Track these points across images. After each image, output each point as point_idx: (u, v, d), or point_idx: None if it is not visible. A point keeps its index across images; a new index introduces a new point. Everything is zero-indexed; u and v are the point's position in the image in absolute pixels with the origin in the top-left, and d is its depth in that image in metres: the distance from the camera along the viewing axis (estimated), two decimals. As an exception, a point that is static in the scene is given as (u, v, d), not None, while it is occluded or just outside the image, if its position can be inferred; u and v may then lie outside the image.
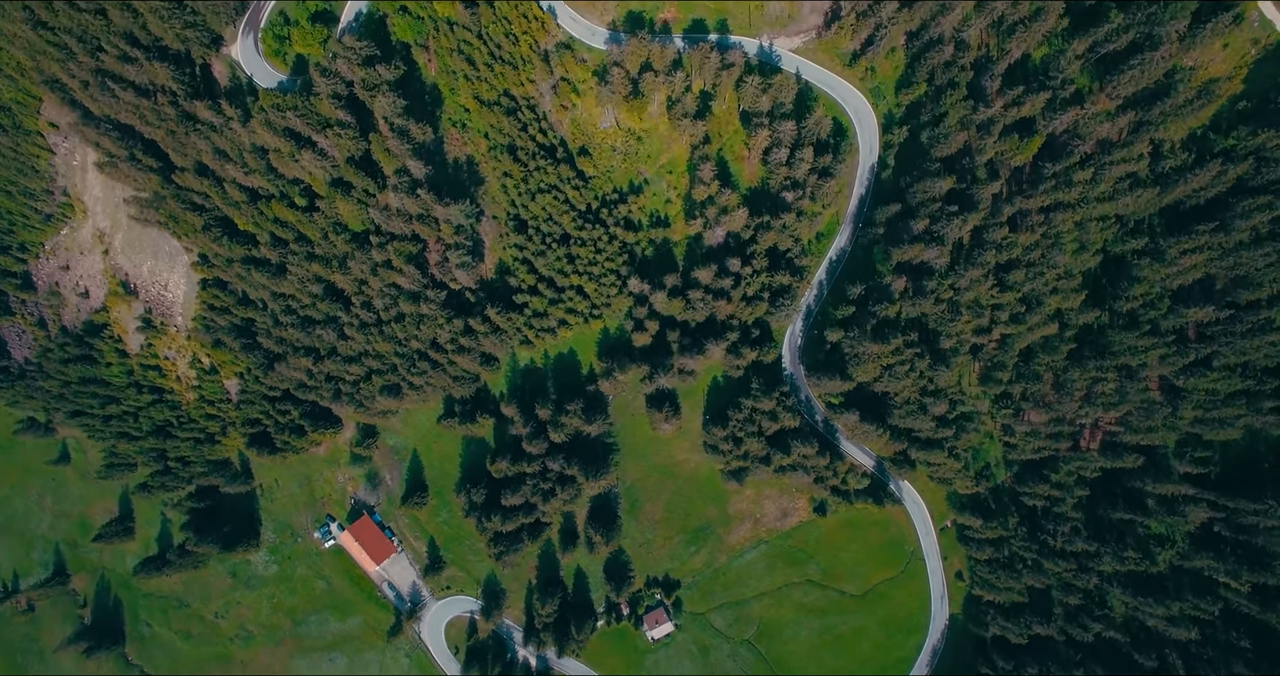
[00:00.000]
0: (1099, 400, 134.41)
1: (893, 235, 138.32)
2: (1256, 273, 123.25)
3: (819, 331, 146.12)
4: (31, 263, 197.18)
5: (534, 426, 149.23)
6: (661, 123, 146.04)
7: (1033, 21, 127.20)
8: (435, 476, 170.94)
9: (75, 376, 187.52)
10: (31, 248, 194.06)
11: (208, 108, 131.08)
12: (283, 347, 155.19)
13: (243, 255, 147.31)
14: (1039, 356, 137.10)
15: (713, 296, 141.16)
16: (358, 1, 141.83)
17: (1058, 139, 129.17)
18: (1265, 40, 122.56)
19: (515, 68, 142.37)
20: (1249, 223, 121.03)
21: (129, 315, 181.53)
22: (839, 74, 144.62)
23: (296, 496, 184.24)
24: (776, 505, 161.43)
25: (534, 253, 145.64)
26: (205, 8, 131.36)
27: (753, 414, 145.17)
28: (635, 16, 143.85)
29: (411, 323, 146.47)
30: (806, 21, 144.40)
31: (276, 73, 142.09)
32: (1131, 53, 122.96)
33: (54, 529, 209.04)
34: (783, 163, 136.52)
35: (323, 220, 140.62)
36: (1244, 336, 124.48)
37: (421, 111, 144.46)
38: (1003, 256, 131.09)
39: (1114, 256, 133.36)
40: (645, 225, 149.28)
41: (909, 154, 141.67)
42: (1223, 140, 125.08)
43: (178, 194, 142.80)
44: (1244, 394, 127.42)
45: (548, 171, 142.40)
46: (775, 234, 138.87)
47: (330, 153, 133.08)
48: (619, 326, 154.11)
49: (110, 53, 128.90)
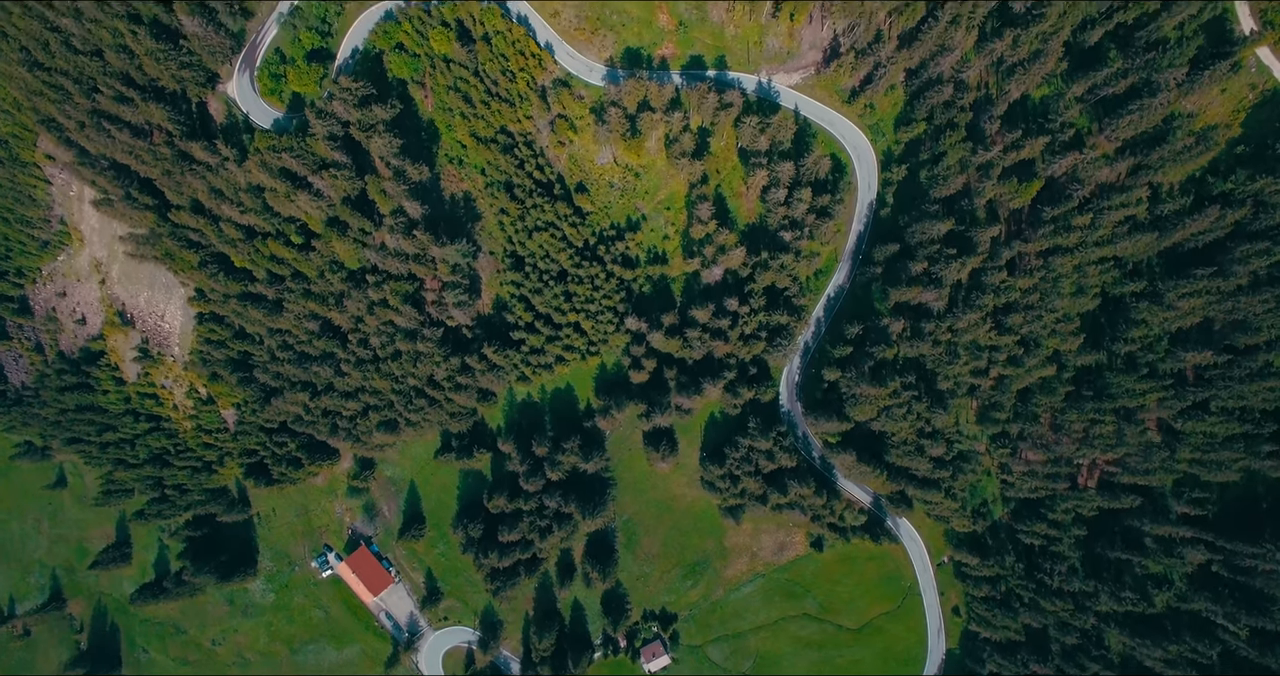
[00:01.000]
0: (1097, 442, 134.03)
1: (891, 275, 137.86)
2: (1255, 318, 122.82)
3: (816, 370, 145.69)
4: (28, 287, 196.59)
5: (531, 464, 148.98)
6: (659, 159, 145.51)
7: (1032, 63, 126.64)
8: (433, 508, 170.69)
9: (72, 404, 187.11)
10: (28, 272, 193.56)
11: (203, 148, 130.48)
12: (279, 382, 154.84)
13: (239, 291, 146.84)
14: (1037, 397, 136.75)
15: (710, 336, 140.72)
16: (354, 39, 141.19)
17: (1057, 182, 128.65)
18: (1262, 85, 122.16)
19: (512, 104, 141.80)
20: (1247, 268, 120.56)
21: (126, 345, 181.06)
22: (838, 110, 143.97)
23: (294, 525, 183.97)
24: (773, 539, 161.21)
25: (531, 290, 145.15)
26: (201, 47, 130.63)
27: (750, 453, 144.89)
28: (633, 53, 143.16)
29: (408, 360, 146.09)
30: (805, 58, 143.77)
31: (272, 110, 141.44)
32: (1130, 97, 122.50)
33: (51, 553, 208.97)
34: (781, 202, 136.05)
35: (319, 259, 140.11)
36: (1242, 381, 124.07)
37: (418, 148, 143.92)
38: (1001, 299, 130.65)
39: (1113, 298, 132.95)
40: (643, 261, 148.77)
41: (908, 192, 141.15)
42: (1221, 183, 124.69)
43: (174, 231, 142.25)
44: (1242, 437, 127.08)
45: (544, 209, 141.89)
46: (773, 273, 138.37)
47: (326, 193, 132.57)
48: (616, 362, 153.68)
49: (106, 94, 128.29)
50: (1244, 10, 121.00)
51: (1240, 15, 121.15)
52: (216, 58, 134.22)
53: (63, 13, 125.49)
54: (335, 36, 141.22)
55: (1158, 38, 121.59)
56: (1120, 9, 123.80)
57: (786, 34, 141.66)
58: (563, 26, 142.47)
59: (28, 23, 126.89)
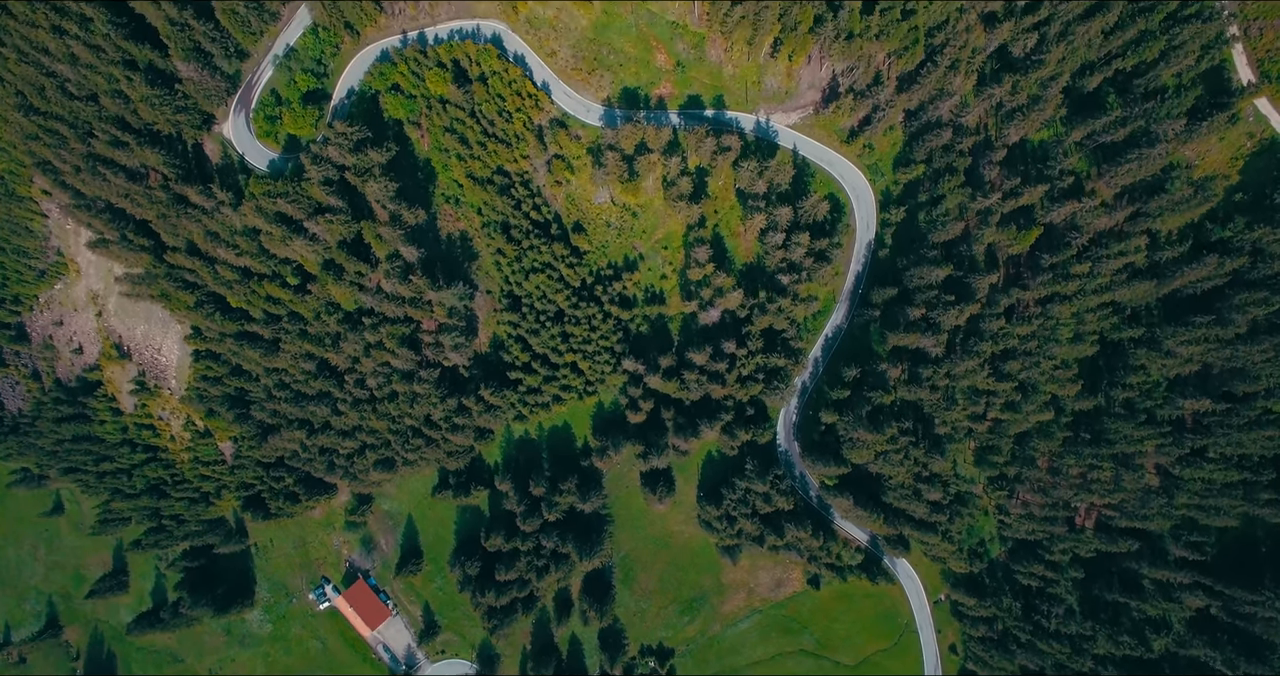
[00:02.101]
0: (1094, 487, 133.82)
1: (889, 319, 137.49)
2: (1254, 366, 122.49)
3: (814, 412, 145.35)
4: (25, 315, 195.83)
5: (528, 504, 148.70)
6: (657, 198, 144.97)
7: (1031, 109, 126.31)
8: (430, 542, 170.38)
9: (69, 434, 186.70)
10: (25, 300, 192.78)
11: (199, 192, 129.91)
12: (276, 419, 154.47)
13: (235, 330, 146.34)
14: (1034, 441, 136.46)
15: (707, 378, 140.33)
16: (349, 79, 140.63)
17: (1056, 229, 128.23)
18: (1260, 134, 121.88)
19: (509, 145, 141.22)
20: (1246, 316, 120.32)
21: (122, 377, 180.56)
22: (836, 150, 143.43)
23: (291, 557, 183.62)
24: (770, 575, 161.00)
25: (528, 330, 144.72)
26: (196, 91, 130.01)
27: (746, 495, 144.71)
28: (630, 92, 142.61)
29: (405, 400, 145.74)
30: (804, 97, 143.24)
31: (268, 151, 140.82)
32: (1129, 146, 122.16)
33: (47, 580, 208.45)
34: (779, 245, 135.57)
35: (314, 301, 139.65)
36: (1241, 429, 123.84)
37: (414, 188, 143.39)
38: (999, 346, 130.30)
39: (1111, 343, 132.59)
40: (640, 301, 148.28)
41: (906, 234, 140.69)
42: (1219, 230, 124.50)
43: (169, 272, 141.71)
44: (1241, 484, 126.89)
45: (541, 250, 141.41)
46: (771, 316, 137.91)
47: (322, 237, 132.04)
48: (614, 400, 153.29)
49: (101, 138, 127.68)
50: (1241, 60, 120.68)
51: (1238, 65, 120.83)
52: (212, 100, 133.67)
53: (58, 58, 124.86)
54: (331, 77, 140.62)
55: (1156, 86, 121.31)
56: (1119, 56, 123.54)
57: (785, 74, 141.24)
58: (560, 66, 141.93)
59: (23, 69, 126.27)
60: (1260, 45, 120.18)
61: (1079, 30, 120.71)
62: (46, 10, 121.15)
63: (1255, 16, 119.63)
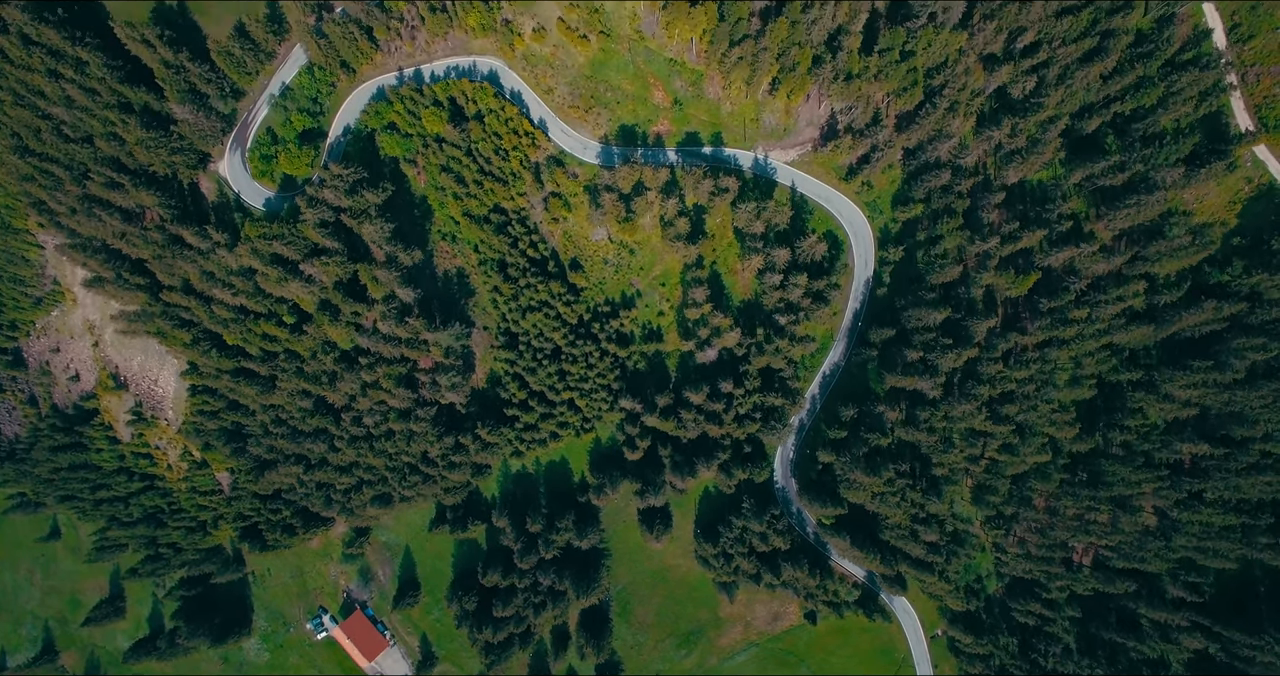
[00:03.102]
0: (1092, 529, 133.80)
1: (886, 360, 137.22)
2: (1252, 411, 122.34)
3: (811, 451, 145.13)
4: (22, 340, 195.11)
5: (525, 541, 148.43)
6: (655, 235, 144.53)
7: (1030, 152, 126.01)
8: (427, 575, 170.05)
9: (65, 463, 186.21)
10: (22, 325, 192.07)
11: (194, 234, 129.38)
12: (273, 455, 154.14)
13: (232, 367, 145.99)
14: (1032, 482, 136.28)
15: (705, 418, 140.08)
16: (345, 117, 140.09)
17: (1054, 272, 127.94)
18: (1258, 179, 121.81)
19: (505, 183, 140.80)
20: (1244, 362, 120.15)
21: (119, 407, 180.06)
22: (835, 187, 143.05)
23: (289, 586, 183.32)
24: (767, 609, 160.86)
25: (525, 368, 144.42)
26: (192, 132, 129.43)
27: (743, 533, 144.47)
28: (628, 130, 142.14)
29: (402, 438, 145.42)
30: (802, 134, 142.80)
31: (264, 189, 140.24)
32: (1128, 191, 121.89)
33: (44, 605, 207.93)
34: (776, 286, 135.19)
35: (310, 341, 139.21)
36: (1239, 474, 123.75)
37: (410, 225, 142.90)
38: (996, 390, 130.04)
39: (1110, 384, 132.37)
40: (638, 338, 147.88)
41: (905, 272, 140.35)
42: (1217, 274, 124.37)
43: (165, 311, 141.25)
44: (1239, 527, 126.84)
45: (538, 289, 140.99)
46: (769, 356, 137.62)
47: (318, 278, 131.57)
48: (611, 436, 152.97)
49: (97, 179, 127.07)
50: (1239, 105, 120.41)
51: (1236, 110, 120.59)
52: (207, 140, 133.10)
53: (54, 101, 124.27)
54: (326, 115, 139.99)
55: (1154, 132, 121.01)
56: (1117, 99, 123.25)
57: (783, 111, 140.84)
58: (556, 103, 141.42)
59: (19, 111, 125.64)
60: (1257, 91, 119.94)
61: (1078, 75, 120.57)
62: (43, 54, 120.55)
63: (1252, 62, 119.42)
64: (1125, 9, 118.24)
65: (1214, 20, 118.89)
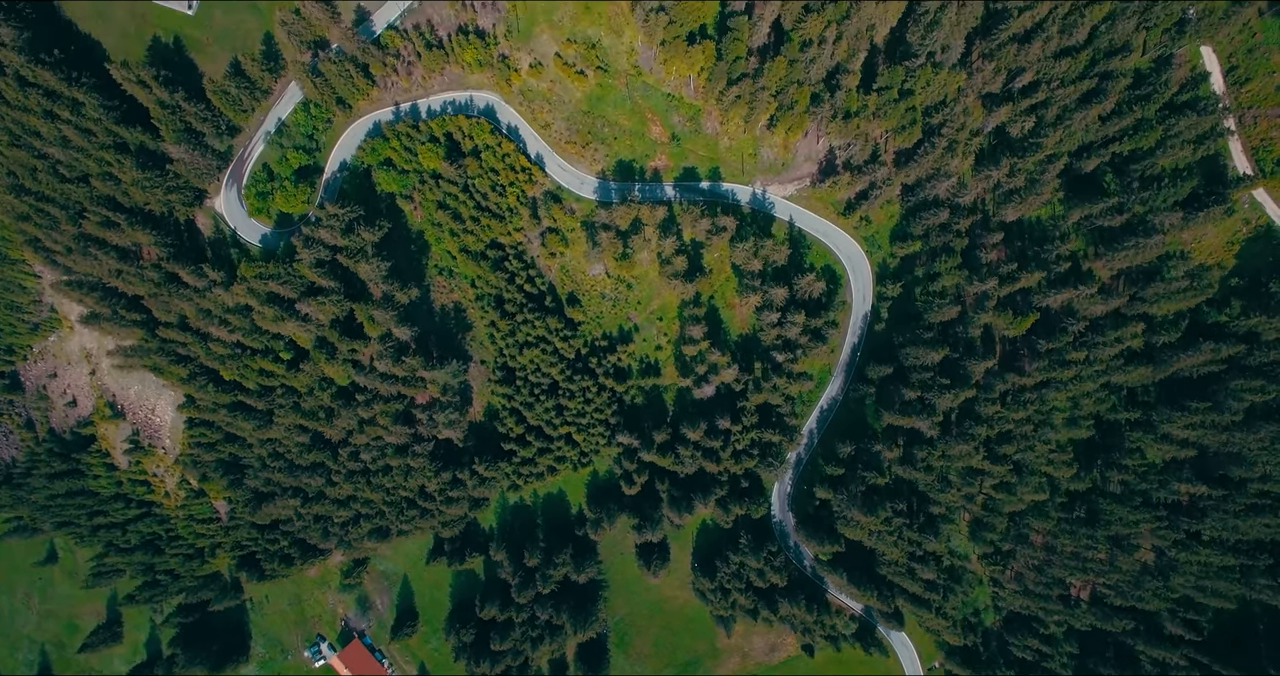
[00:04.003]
0: (1090, 567, 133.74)
1: (884, 397, 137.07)
2: (1250, 453, 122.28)
3: (808, 486, 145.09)
4: (19, 364, 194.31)
5: (522, 576, 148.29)
6: (652, 270, 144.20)
7: (1028, 192, 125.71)
8: (426, 604, 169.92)
9: (62, 489, 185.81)
10: (19, 350, 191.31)
11: (190, 272, 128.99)
12: (270, 487, 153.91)
13: (229, 402, 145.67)
14: (1029, 519, 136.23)
15: (702, 454, 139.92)
16: (342, 153, 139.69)
17: (1053, 313, 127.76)
18: (1256, 220, 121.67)
19: (502, 219, 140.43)
20: (1241, 404, 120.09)
21: (117, 436, 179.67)
22: (833, 221, 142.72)
23: (287, 614, 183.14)
24: (765, 640, 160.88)
25: (522, 403, 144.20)
26: (187, 170, 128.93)
27: (741, 569, 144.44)
28: (625, 165, 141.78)
29: (399, 473, 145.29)
30: (800, 169, 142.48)
31: (261, 226, 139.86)
32: (1127, 233, 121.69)
33: (40, 629, 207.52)
34: (774, 324, 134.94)
35: (306, 378, 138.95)
36: (1237, 515, 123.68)
37: (407, 259, 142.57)
38: (994, 430, 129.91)
39: (1108, 423, 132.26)
40: (635, 372, 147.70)
41: (903, 308, 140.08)
42: (1215, 314, 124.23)
43: (162, 347, 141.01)
44: (1238, 568, 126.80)
45: (535, 325, 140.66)
46: (766, 393, 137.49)
47: (314, 316, 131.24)
48: (609, 469, 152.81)
49: (92, 219, 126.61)
50: (1237, 146, 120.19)
51: (1234, 151, 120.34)
52: (203, 178, 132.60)
53: (50, 141, 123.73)
54: (323, 150, 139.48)
55: (1153, 174, 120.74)
56: (1116, 140, 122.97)
57: (781, 146, 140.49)
58: (554, 138, 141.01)
59: (15, 152, 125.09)
60: (1255, 133, 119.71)
61: (1076, 116, 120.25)
62: (39, 95, 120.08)
63: (1250, 104, 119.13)
64: (1123, 52, 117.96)
65: (1211, 63, 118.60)
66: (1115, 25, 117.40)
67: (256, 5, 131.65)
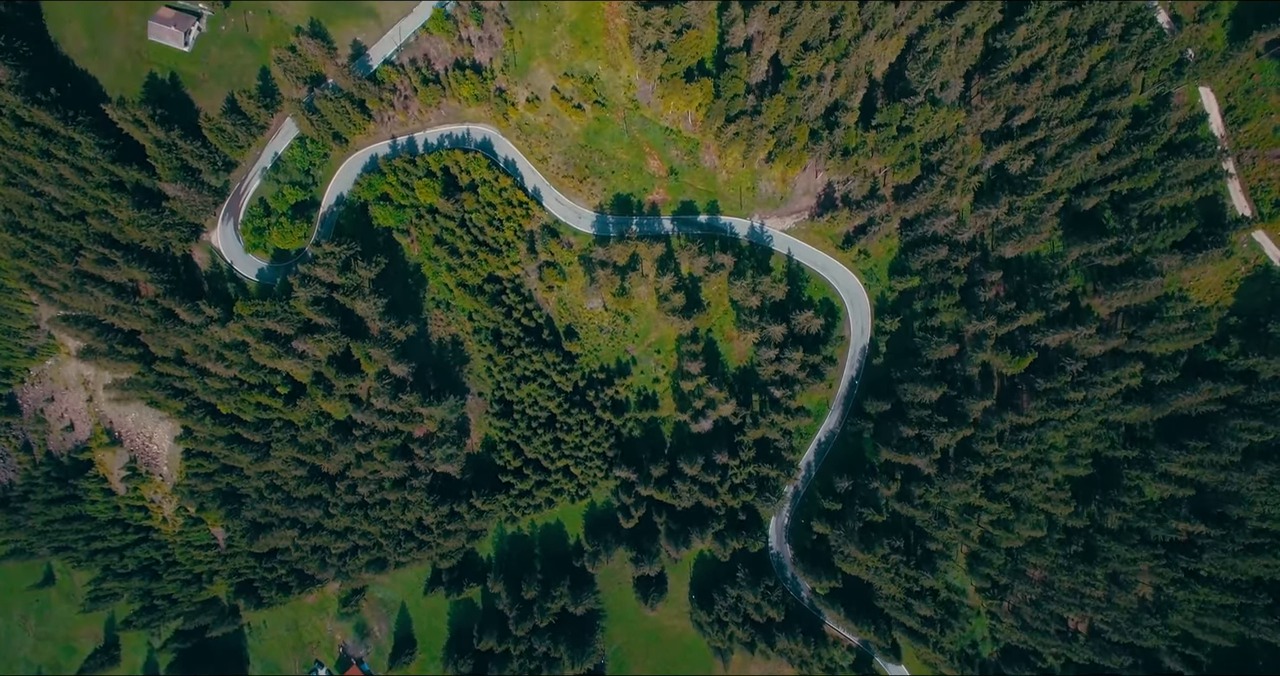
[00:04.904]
0: (1088, 604, 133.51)
1: (882, 432, 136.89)
2: (1249, 493, 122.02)
3: (806, 520, 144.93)
4: (16, 387, 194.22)
5: (520, 608, 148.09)
6: (650, 303, 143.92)
7: (1027, 230, 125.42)
8: (424, 631, 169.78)
9: (59, 515, 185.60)
10: (16, 373, 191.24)
11: (187, 310, 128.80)
12: (268, 518, 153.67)
13: (226, 434, 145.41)
14: (1027, 555, 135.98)
15: (699, 489, 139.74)
16: (338, 186, 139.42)
17: (1051, 352, 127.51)
18: (1254, 260, 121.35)
19: (499, 253, 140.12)
20: (1240, 444, 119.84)
21: (114, 463, 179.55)
22: (831, 255, 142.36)
23: (285, 639, 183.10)
24: (762, 669, 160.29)
25: (520, 436, 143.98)
26: (183, 207, 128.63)
27: (738, 602, 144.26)
28: (623, 199, 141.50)
29: (397, 507, 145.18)
30: (799, 202, 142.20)
31: (257, 260, 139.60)
32: (1126, 272, 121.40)
33: (37, 651, 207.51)
34: (772, 360, 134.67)
35: (303, 413, 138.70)
36: (1236, 554, 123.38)
37: (404, 293, 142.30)
38: (991, 469, 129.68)
39: (1106, 459, 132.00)
40: (633, 405, 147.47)
41: (901, 342, 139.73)
42: (1214, 352, 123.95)
43: (158, 381, 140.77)
44: (1237, 606, 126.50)
45: (533, 359, 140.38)
46: (764, 428, 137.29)
47: (311, 353, 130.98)
48: (606, 500, 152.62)
49: (88, 256, 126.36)
50: (1235, 187, 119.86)
51: (1232, 191, 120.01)
52: (200, 213, 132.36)
53: (46, 180, 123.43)
54: (319, 184, 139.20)
55: (1152, 214, 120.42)
56: (1115, 179, 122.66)
57: (780, 179, 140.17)
58: (551, 172, 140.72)
59: (11, 190, 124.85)
60: (1253, 173, 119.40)
61: (1075, 155, 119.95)
62: (34, 135, 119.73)
63: (1248, 145, 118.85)
64: (1122, 92, 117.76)
65: (1210, 103, 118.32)
66: (1114, 65, 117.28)
67: (253, 41, 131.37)
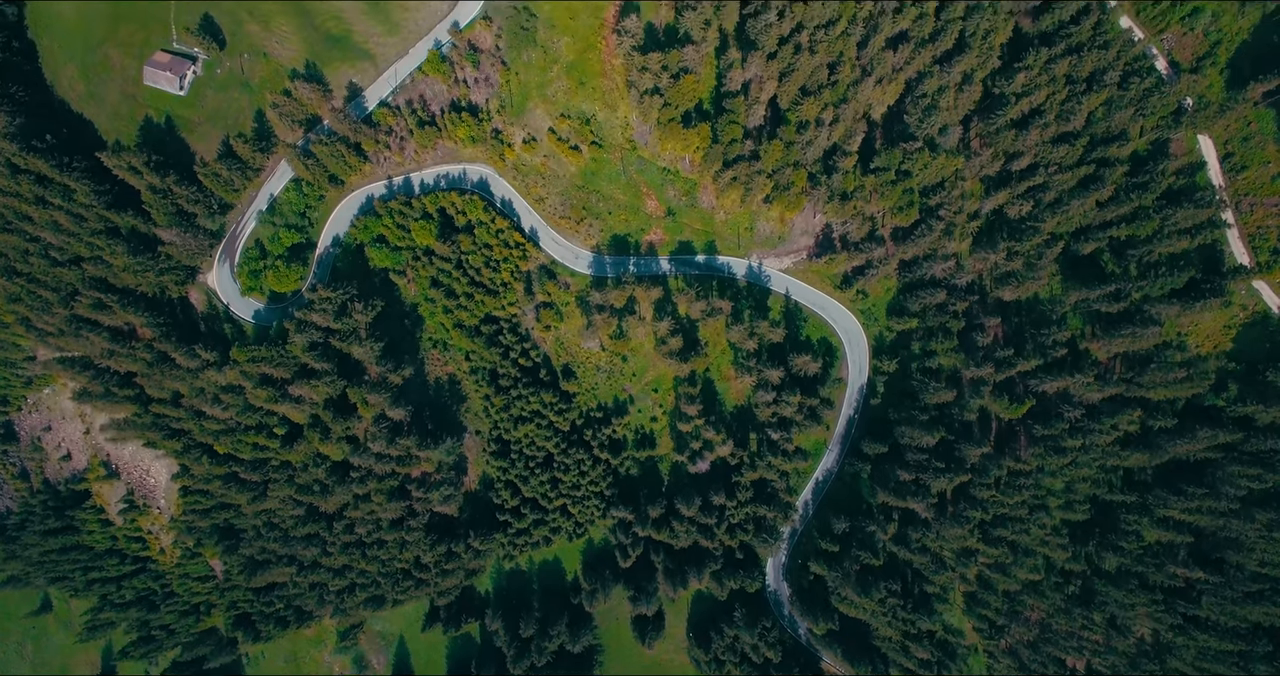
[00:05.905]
0: (1085, 647, 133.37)
1: (879, 474, 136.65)
2: (1247, 539, 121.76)
3: (803, 560, 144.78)
4: (13, 414, 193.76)
5: (518, 646, 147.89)
6: (648, 342, 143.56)
7: (1026, 275, 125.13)
8: (422, 665, 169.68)
9: (56, 545, 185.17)
10: (13, 400, 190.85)
11: (183, 354, 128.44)
12: (265, 555, 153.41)
13: (223, 473, 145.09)
14: (1025, 598, 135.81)
15: (696, 529, 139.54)
16: (334, 228, 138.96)
17: (1049, 398, 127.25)
18: (1253, 307, 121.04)
19: (495, 294, 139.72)
20: (1238, 491, 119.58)
21: (111, 494, 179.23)
22: (830, 295, 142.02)
23: (283, 671, 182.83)
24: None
25: (517, 476, 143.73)
26: (179, 251, 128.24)
27: (735, 642, 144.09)
28: (620, 239, 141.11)
29: (394, 546, 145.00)
30: (797, 243, 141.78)
31: (253, 302, 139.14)
32: (1124, 319, 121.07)
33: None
34: (769, 403, 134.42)
35: (301, 454, 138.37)
36: (1235, 601, 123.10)
37: (401, 333, 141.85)
38: (989, 514, 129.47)
39: (1104, 503, 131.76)
40: (630, 444, 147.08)
41: (899, 383, 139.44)
42: (1212, 398, 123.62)
43: (155, 422, 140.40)
44: (1236, 653, 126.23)
45: (530, 399, 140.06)
46: (761, 471, 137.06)
47: (308, 397, 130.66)
48: (604, 538, 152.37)
49: (84, 300, 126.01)
50: (1233, 234, 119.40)
51: (1231, 239, 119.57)
52: (195, 257, 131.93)
53: (42, 226, 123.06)
54: (315, 226, 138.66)
55: (1150, 261, 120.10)
56: (1114, 225, 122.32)
57: (778, 220, 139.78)
58: (548, 212, 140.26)
59: (7, 236, 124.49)
60: (1251, 220, 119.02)
61: (1074, 202, 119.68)
62: (30, 182, 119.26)
63: (1246, 192, 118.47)
64: (1120, 140, 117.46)
65: (1208, 151, 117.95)
66: (1112, 113, 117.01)
67: (248, 84, 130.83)
